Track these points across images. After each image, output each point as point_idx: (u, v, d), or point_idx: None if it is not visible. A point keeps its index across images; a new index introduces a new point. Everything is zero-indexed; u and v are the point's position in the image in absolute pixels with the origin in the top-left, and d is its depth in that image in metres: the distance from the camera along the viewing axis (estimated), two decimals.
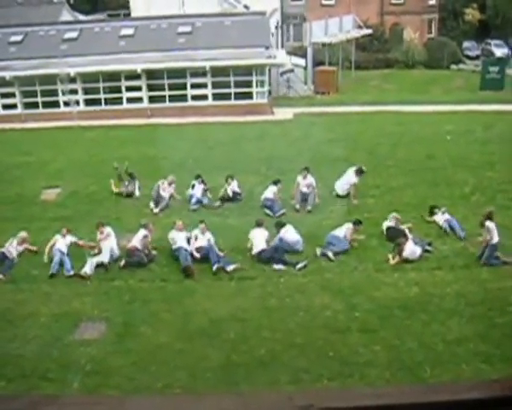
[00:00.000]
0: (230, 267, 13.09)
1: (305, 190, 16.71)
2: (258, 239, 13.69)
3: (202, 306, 11.63)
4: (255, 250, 13.54)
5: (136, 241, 13.68)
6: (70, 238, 14.03)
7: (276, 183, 16.62)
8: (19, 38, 32.51)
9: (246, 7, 40.48)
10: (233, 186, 17.18)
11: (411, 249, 13.40)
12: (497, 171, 19.26)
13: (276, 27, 39.62)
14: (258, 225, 14.09)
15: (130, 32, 32.68)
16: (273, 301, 11.70)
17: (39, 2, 42.53)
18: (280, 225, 14.26)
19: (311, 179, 16.77)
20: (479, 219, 14.68)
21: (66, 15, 39.98)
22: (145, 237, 13.81)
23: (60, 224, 14.85)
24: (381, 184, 18.06)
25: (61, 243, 13.68)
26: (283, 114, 30.36)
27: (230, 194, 17.06)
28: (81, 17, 42.96)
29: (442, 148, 22.12)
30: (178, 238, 13.81)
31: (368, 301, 11.57)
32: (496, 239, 13.03)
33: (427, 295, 11.66)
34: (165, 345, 10.22)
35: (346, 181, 17.05)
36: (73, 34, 32.79)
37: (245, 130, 26.24)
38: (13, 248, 13.79)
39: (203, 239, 13.79)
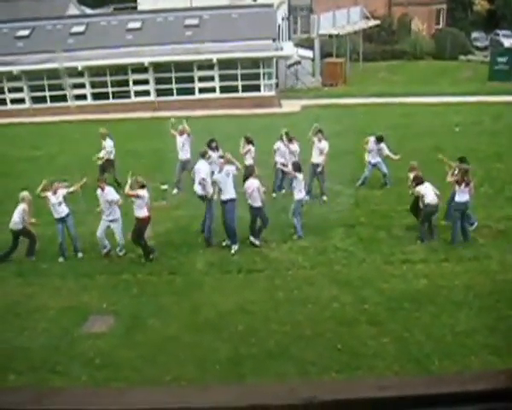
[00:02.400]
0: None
1: (317, 160, 16.26)
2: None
3: (210, 298, 11.65)
4: None
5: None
6: (61, 192, 13.46)
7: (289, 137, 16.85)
8: (26, 32, 32.62)
9: None
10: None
11: (429, 188, 13.52)
12: (505, 162, 19.17)
13: (284, 19, 39.47)
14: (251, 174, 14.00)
15: (137, 25, 32.70)
16: (281, 294, 11.69)
17: None
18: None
19: (324, 144, 16.31)
20: (487, 210, 14.65)
21: (73, 9, 40.01)
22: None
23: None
24: (389, 175, 17.98)
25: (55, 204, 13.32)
26: (291, 106, 30.32)
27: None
28: (88, 11, 42.99)
29: (450, 139, 22.00)
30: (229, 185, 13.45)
31: (376, 293, 11.54)
32: (458, 198, 13.10)
33: (436, 287, 11.61)
34: (173, 338, 10.25)
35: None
36: (80, 28, 32.88)
37: (252, 122, 26.16)
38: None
39: None
